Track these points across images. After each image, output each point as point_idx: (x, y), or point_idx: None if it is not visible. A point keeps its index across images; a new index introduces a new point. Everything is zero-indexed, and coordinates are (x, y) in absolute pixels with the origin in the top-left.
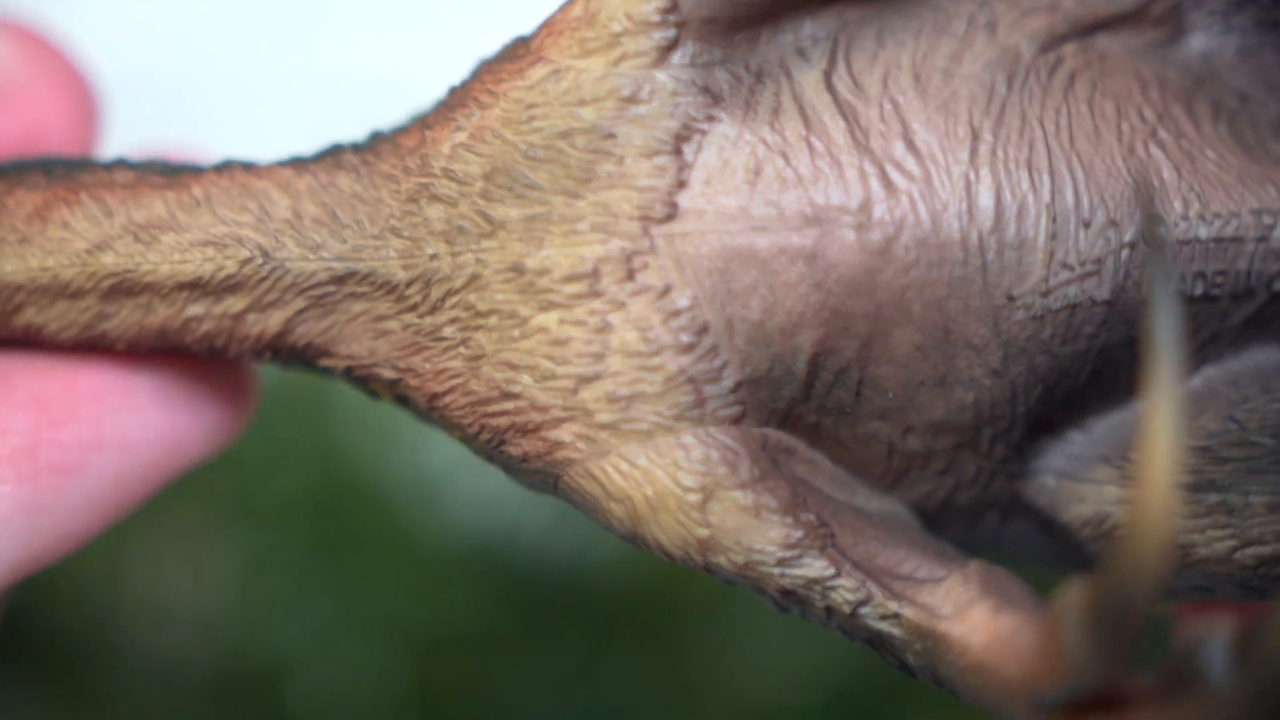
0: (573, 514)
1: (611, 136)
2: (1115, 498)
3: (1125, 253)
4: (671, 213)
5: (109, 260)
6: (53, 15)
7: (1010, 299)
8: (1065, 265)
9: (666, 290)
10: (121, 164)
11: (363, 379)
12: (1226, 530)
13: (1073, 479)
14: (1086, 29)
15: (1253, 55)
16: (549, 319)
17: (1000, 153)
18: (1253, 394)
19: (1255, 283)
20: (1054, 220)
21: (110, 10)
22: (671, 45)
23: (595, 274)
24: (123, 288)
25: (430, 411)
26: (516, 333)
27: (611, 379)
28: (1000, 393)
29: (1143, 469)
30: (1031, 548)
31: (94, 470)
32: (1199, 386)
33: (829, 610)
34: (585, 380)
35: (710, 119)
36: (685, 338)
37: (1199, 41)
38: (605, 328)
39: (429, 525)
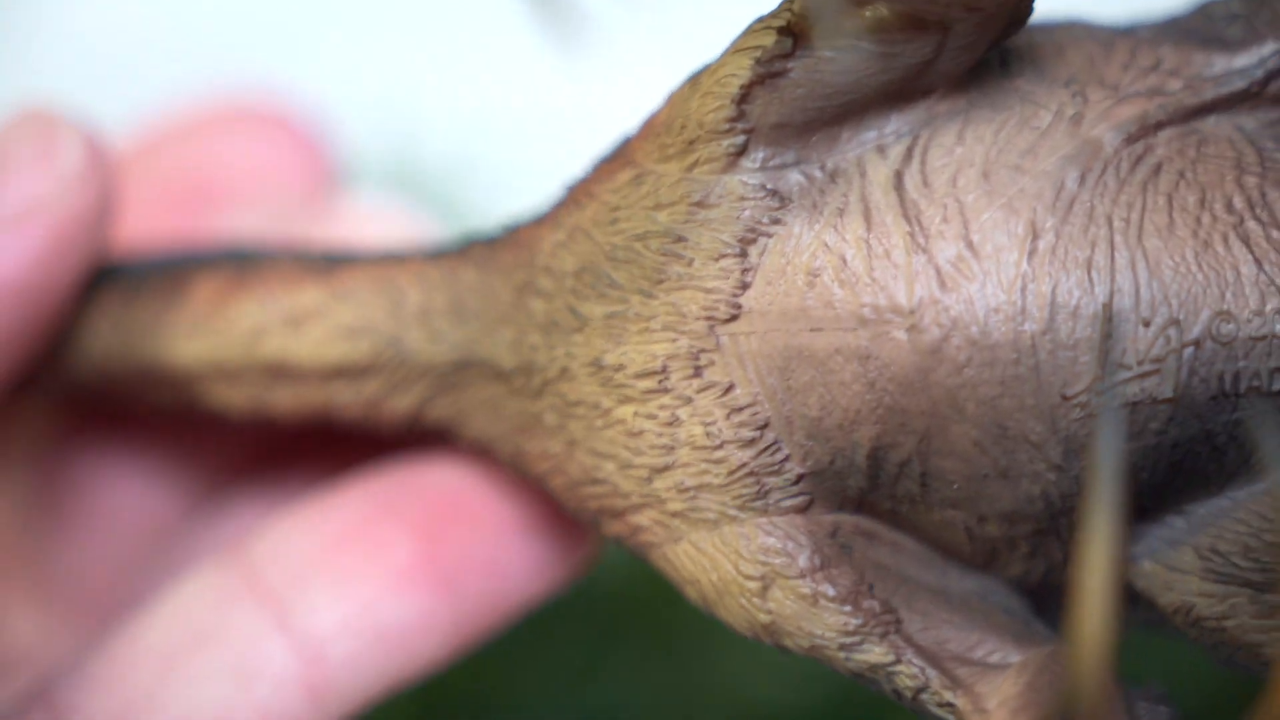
0: None
1: (682, 240)
2: (1197, 589)
3: (1190, 351)
4: (735, 313)
5: (264, 347)
6: None
7: (1065, 398)
8: (1122, 364)
9: (730, 387)
10: (296, 255)
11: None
12: None
13: (1166, 565)
14: (1191, 114)
15: None
16: (626, 411)
17: (1060, 251)
18: None
19: None
20: (1109, 320)
21: None
22: (741, 151)
23: (665, 371)
24: (277, 371)
25: (543, 489)
26: (600, 423)
27: (681, 470)
28: (1067, 486)
29: (1077, 608)
30: (1150, 626)
31: (470, 587)
32: None
33: (896, 693)
34: (657, 470)
35: (776, 221)
36: (747, 433)
37: None
38: (674, 421)
39: None
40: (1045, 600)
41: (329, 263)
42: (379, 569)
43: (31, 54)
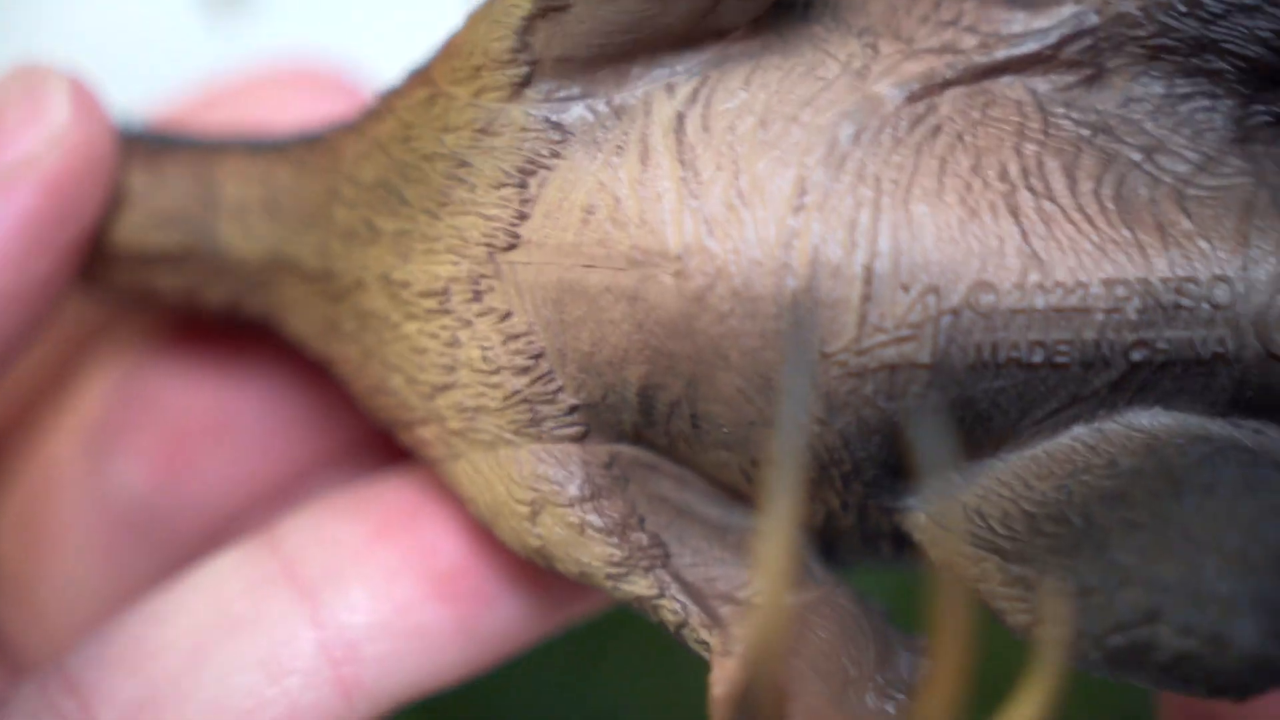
0: None
1: (466, 165)
2: (957, 549)
3: (947, 319)
4: (514, 242)
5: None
6: None
7: (825, 355)
8: (879, 328)
9: (507, 314)
10: (132, 136)
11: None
12: (1024, 605)
13: (936, 521)
14: (982, 73)
15: (1181, 101)
16: (411, 328)
17: (827, 209)
18: (1097, 465)
19: (1109, 352)
20: (868, 282)
21: None
22: (525, 82)
23: (446, 292)
24: (104, 251)
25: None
26: (389, 336)
27: (460, 390)
28: (831, 440)
29: (757, 563)
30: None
31: (506, 602)
32: (1062, 445)
33: (662, 625)
34: (439, 389)
35: (555, 155)
36: (521, 360)
37: (1121, 84)
38: (454, 343)
39: None
40: (836, 548)
41: (158, 145)
42: (420, 570)
43: (31, 54)
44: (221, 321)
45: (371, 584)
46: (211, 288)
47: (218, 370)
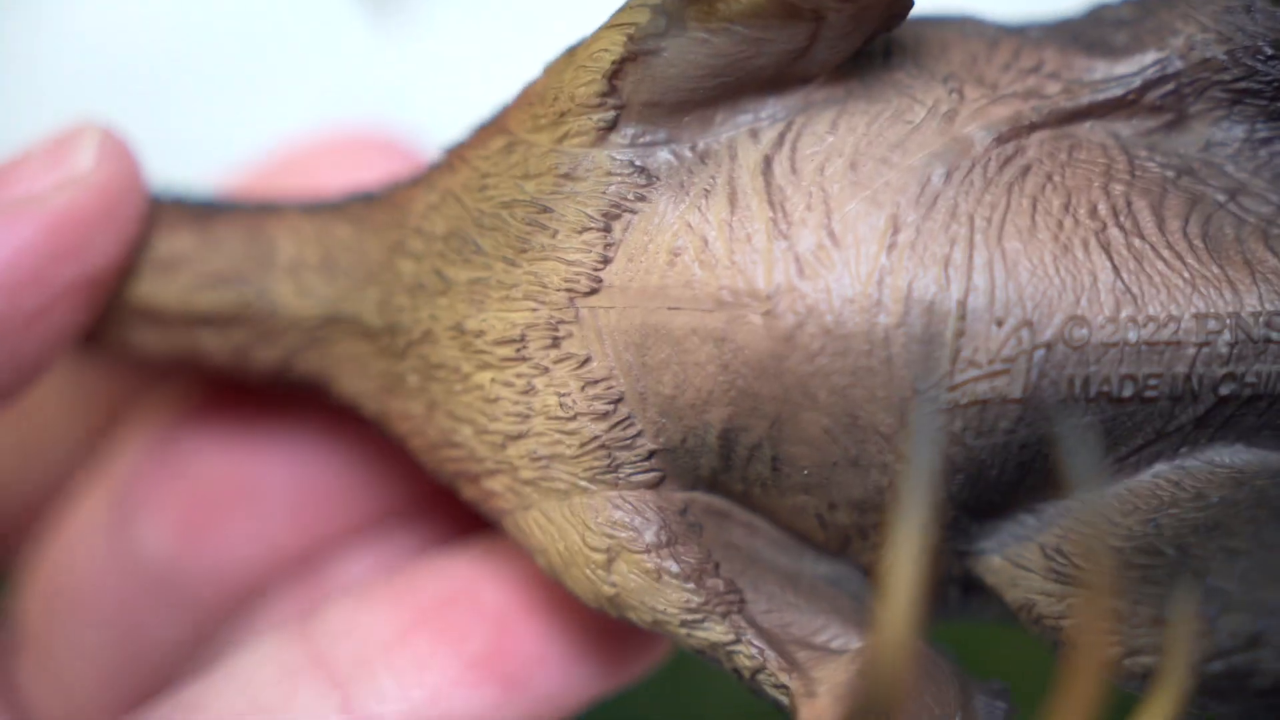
0: None
1: (548, 211)
2: (1039, 588)
3: (1040, 353)
4: (596, 286)
5: (134, 290)
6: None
7: (916, 392)
8: (972, 363)
9: (586, 360)
10: (178, 200)
11: (353, 409)
12: (1115, 636)
13: (1013, 562)
14: (1066, 118)
15: (1261, 145)
16: (484, 377)
17: (919, 247)
18: (1185, 499)
19: (1198, 386)
20: (962, 318)
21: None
22: (611, 126)
23: (523, 339)
24: (144, 314)
25: (405, 449)
26: (459, 387)
27: (535, 439)
28: None
29: (881, 610)
30: (1002, 620)
31: (537, 686)
32: (1145, 482)
33: (736, 672)
34: (511, 438)
35: (641, 199)
36: (600, 406)
37: (1202, 129)
38: (530, 390)
39: None
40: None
41: (208, 209)
42: (450, 658)
43: (31, 54)
44: (260, 386)
45: (402, 672)
46: (263, 348)
47: (247, 436)
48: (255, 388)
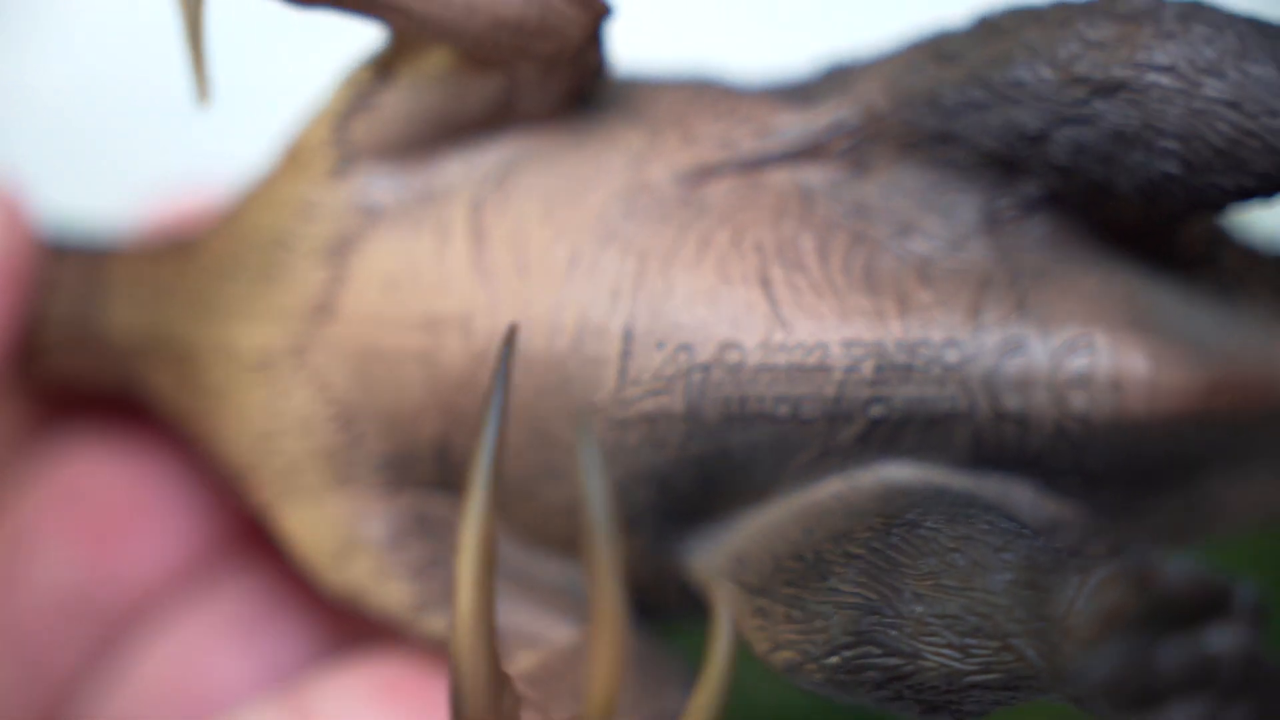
0: None
1: (289, 244)
2: (725, 592)
3: (697, 374)
4: (329, 312)
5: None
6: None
7: (585, 407)
8: (637, 382)
9: (324, 379)
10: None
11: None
12: (764, 633)
13: (705, 568)
14: (753, 164)
15: (931, 190)
16: (241, 390)
17: (594, 278)
18: (838, 509)
19: (850, 408)
20: (627, 340)
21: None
22: (342, 168)
23: (272, 359)
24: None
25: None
26: (222, 399)
27: (285, 448)
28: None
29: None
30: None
31: None
32: (819, 494)
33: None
34: (265, 445)
35: (367, 233)
36: (335, 421)
37: (882, 177)
38: (278, 406)
39: None
40: (641, 599)
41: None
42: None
43: (32, 54)
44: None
45: None
46: (103, 372)
47: (139, 452)
48: (141, 405)
